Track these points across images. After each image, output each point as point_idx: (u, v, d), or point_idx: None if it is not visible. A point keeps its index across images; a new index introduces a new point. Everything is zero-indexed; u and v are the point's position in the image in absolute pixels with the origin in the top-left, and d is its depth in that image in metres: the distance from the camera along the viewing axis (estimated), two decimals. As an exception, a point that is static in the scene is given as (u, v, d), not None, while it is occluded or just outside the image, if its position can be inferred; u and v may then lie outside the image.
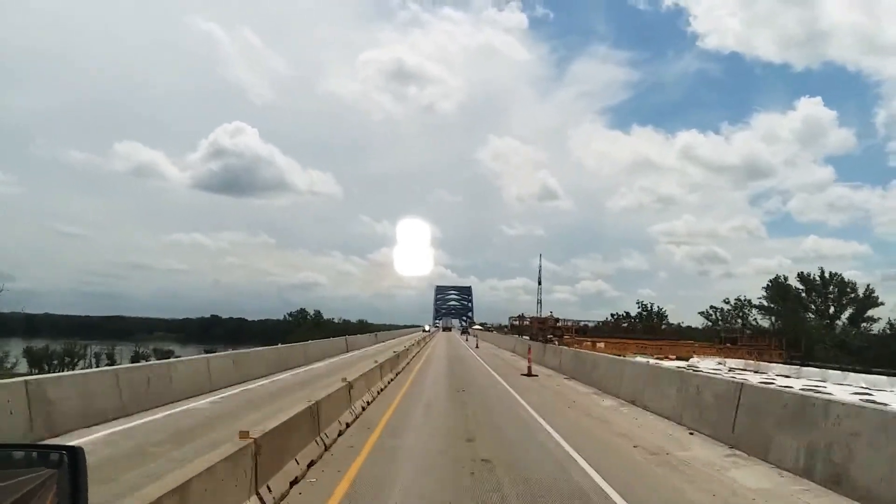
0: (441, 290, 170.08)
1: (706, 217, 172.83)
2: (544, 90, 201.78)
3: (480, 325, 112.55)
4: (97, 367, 36.61)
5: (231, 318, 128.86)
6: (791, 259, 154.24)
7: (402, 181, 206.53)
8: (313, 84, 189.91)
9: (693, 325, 71.65)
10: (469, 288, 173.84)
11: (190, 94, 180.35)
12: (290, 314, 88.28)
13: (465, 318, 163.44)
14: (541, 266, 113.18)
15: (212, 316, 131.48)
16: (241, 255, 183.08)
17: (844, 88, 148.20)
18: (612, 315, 76.82)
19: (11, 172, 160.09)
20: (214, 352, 28.47)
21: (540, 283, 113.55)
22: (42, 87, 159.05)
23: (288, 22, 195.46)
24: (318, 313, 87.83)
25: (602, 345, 39.61)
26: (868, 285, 58.44)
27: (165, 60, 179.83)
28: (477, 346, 45.32)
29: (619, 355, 25.55)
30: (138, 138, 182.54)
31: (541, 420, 11.23)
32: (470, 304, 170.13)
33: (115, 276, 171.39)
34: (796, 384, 20.87)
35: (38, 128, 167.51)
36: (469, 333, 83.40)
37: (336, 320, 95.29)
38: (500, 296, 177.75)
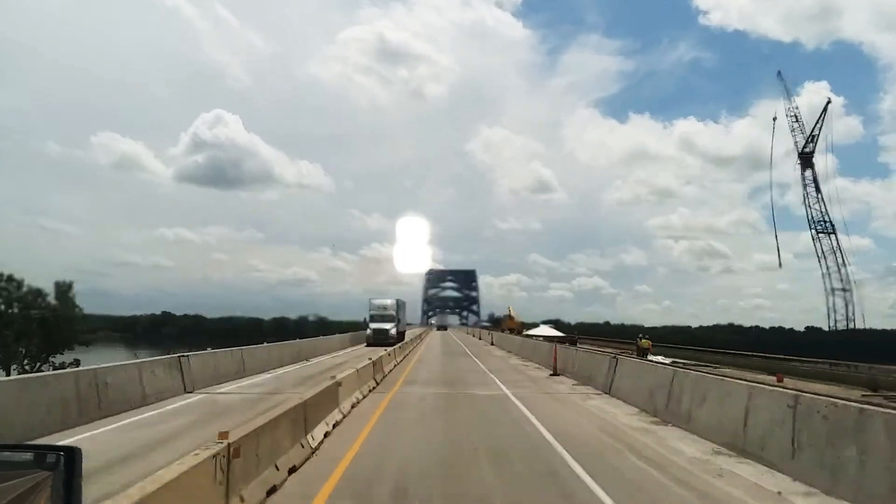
0: (434, 277, 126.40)
1: (703, 210, 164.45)
2: (537, 74, 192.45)
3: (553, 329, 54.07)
4: None
5: (186, 316, 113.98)
6: (792, 254, 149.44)
7: (391, 173, 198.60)
8: (296, 70, 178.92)
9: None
10: (472, 273, 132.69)
11: (169, 81, 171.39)
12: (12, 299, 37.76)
13: (465, 313, 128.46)
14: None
15: (163, 313, 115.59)
16: (227, 251, 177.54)
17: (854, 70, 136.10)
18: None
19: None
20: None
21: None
22: (8, 78, 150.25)
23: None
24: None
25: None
26: None
27: (137, 46, 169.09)
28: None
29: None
30: (116, 129, 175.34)
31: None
32: (474, 295, 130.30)
33: (95, 272, 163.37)
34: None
35: (11, 121, 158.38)
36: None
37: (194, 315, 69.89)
38: (494, 292, 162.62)
